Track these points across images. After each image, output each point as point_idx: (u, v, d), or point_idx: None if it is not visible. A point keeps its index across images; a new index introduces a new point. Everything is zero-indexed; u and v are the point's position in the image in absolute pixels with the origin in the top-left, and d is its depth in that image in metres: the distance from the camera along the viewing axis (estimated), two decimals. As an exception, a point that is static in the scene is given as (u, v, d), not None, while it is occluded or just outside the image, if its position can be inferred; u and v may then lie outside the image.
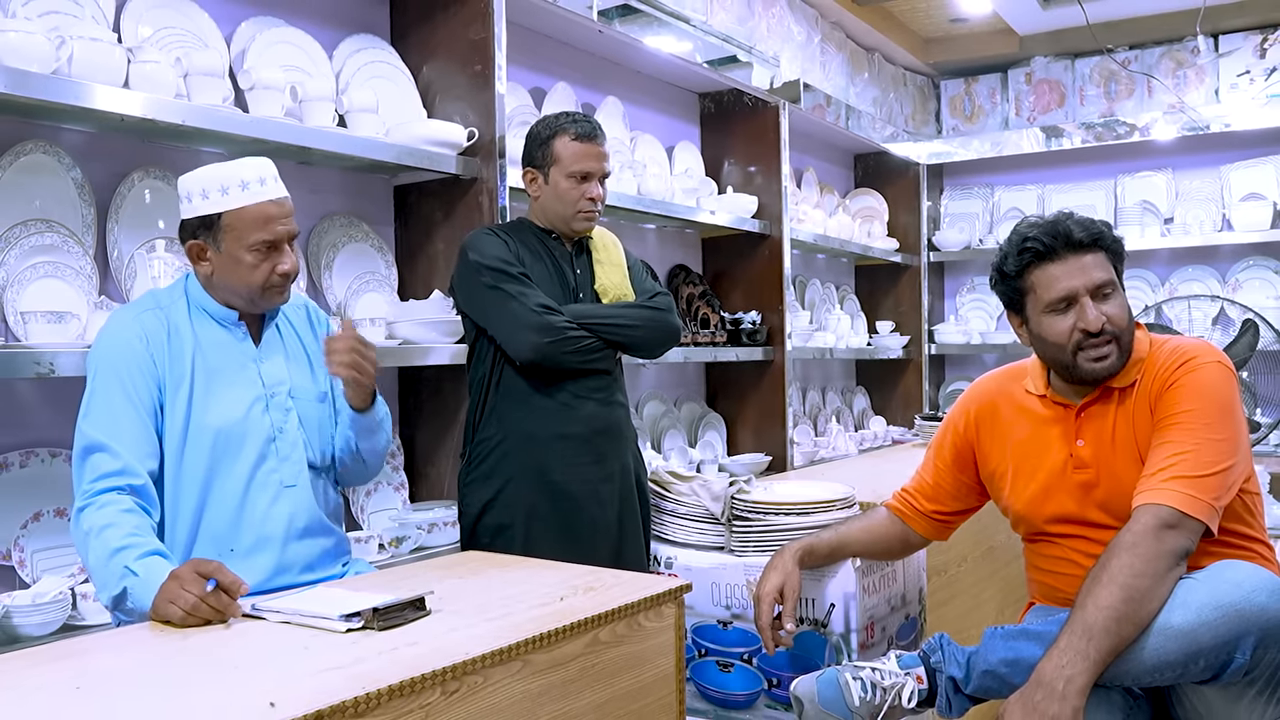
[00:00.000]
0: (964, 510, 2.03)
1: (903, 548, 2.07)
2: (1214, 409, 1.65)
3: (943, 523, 2.03)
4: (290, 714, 1.06)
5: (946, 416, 2.04)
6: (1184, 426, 1.64)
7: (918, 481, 2.04)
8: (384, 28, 2.90)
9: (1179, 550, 1.56)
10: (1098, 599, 1.51)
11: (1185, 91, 5.33)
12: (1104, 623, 1.49)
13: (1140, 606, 1.51)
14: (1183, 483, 1.58)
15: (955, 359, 5.90)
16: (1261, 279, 5.05)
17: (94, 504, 1.59)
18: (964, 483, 1.98)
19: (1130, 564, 1.53)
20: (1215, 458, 1.61)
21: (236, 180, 1.75)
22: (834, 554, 2.01)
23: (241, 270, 1.76)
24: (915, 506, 2.02)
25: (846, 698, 1.69)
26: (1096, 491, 1.75)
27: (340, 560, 1.90)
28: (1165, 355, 1.73)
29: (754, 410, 4.08)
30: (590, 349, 2.27)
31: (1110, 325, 1.71)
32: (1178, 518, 1.56)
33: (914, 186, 5.45)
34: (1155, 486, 1.60)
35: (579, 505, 2.27)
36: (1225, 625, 1.49)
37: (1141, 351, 1.76)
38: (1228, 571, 1.55)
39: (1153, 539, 1.55)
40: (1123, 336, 1.73)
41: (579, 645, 1.44)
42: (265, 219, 1.75)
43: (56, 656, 1.33)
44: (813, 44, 4.85)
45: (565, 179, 2.30)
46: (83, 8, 2.18)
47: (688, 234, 4.12)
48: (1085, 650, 1.48)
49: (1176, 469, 1.60)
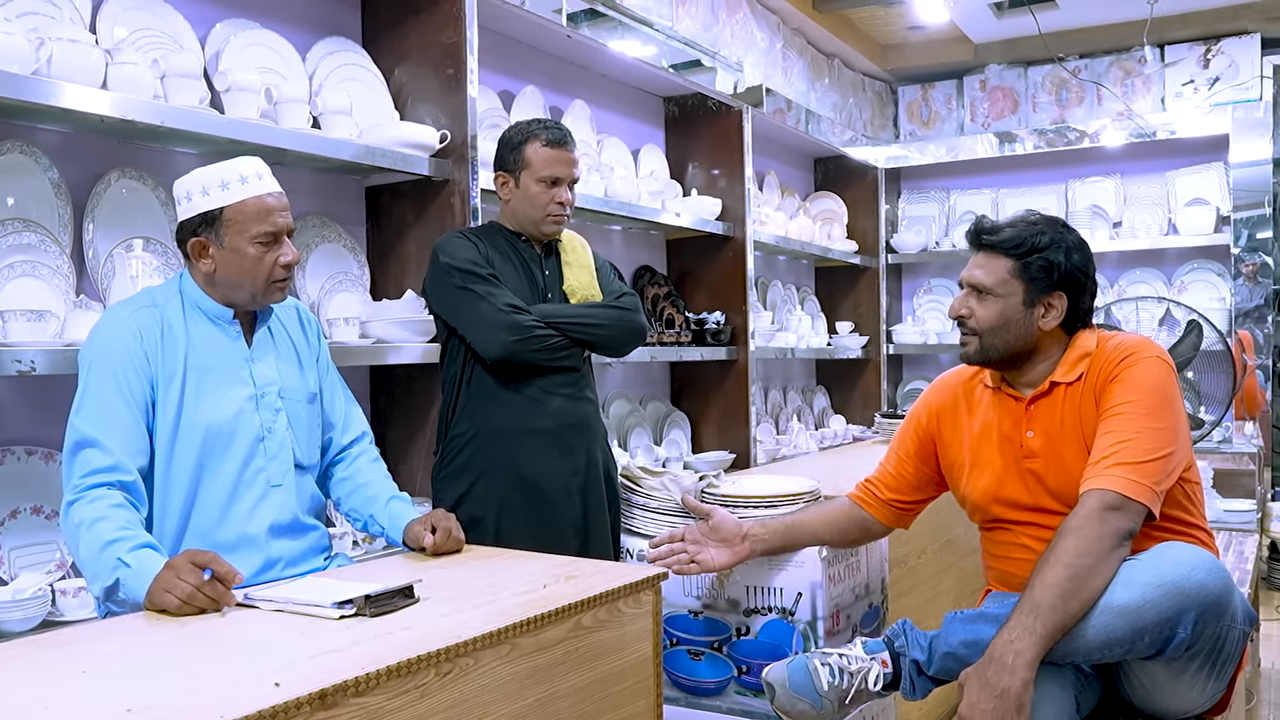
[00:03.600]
0: (923, 499, 2.12)
1: (861, 534, 2.14)
2: (1154, 400, 1.74)
3: (903, 511, 2.11)
4: (295, 693, 1.11)
5: (910, 411, 2.13)
6: (1126, 416, 1.74)
7: (880, 472, 2.13)
8: (355, 31, 2.93)
9: (1122, 531, 1.65)
10: (1044, 578, 1.61)
11: (1133, 100, 5.50)
12: (1050, 600, 1.59)
13: (1084, 584, 1.60)
14: (1125, 469, 1.68)
15: (913, 359, 6.03)
16: (1205, 281, 5.23)
17: (84, 498, 1.61)
18: (925, 473, 2.07)
19: (1075, 545, 1.62)
20: (1156, 445, 1.70)
21: (235, 175, 1.79)
22: (790, 533, 2.08)
23: (246, 263, 1.78)
24: (877, 495, 2.11)
25: (816, 682, 1.76)
26: (1046, 479, 1.84)
27: (322, 555, 1.94)
28: (1109, 351, 1.83)
29: (718, 409, 4.15)
30: (558, 347, 2.33)
31: (973, 320, 1.87)
32: (1121, 501, 1.66)
33: (872, 190, 5.57)
34: (1099, 473, 1.70)
35: (548, 499, 2.33)
36: (1168, 602, 1.58)
37: (1088, 348, 1.86)
38: (1170, 552, 1.65)
39: (1097, 521, 1.64)
40: (984, 336, 1.87)
41: (563, 630, 1.50)
42: (266, 211, 1.79)
43: (56, 644, 1.36)
44: (775, 50, 4.93)
45: (536, 183, 2.36)
46: (60, 9, 2.19)
47: (653, 235, 4.19)
48: (1033, 626, 1.58)
49: (1119, 456, 1.69)
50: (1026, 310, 1.85)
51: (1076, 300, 1.87)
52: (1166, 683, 1.70)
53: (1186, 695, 1.72)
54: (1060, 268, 1.83)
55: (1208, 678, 1.69)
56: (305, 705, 1.11)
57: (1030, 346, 1.87)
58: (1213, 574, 1.61)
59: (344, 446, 2.03)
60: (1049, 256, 1.83)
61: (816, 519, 2.11)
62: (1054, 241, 1.84)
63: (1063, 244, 1.85)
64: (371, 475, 2.02)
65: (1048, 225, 1.87)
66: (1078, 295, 1.86)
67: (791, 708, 1.76)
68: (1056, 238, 1.85)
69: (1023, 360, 1.89)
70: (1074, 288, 1.86)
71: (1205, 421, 3.88)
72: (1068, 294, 1.85)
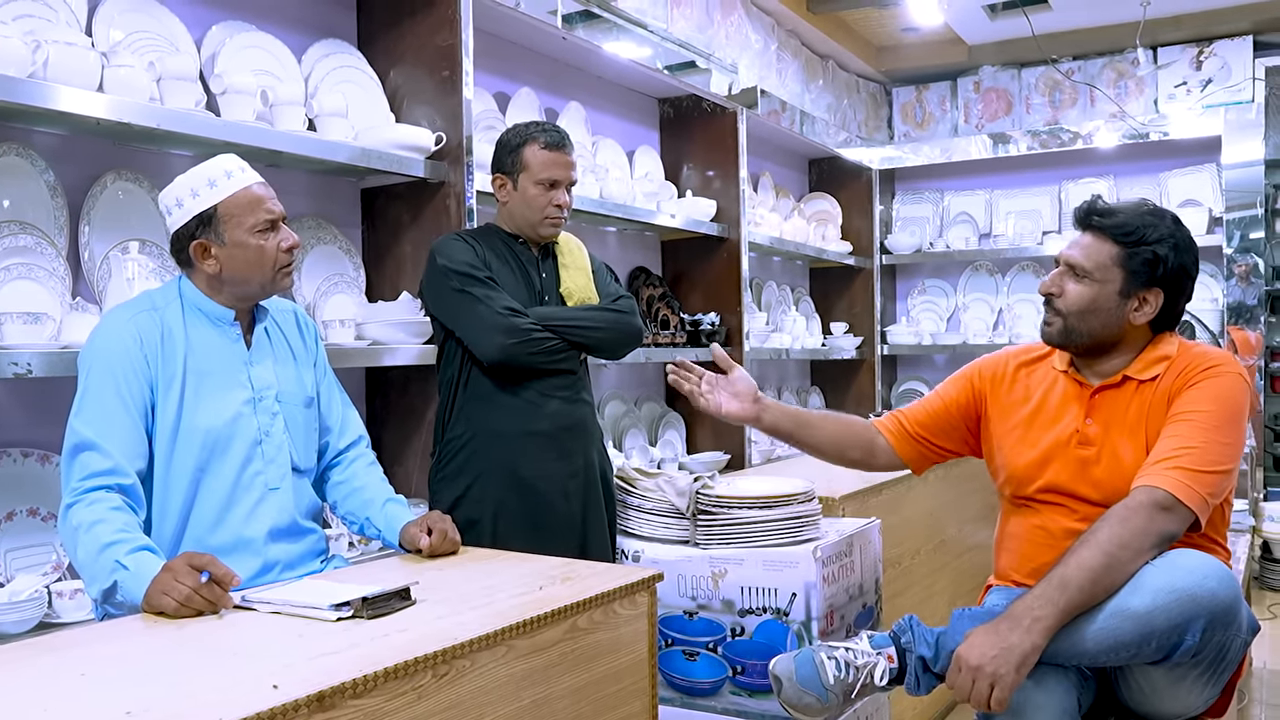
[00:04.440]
0: (948, 450, 2.11)
1: (862, 456, 2.14)
2: (1227, 414, 1.74)
3: (925, 452, 2.11)
4: (294, 695, 1.11)
5: (962, 369, 2.11)
6: (1196, 424, 1.73)
7: (916, 409, 2.12)
8: (351, 33, 2.93)
9: (1166, 533, 1.64)
10: (1081, 559, 1.61)
11: (1126, 101, 5.52)
12: (1080, 581, 1.59)
13: (1117, 573, 1.60)
14: (1184, 473, 1.67)
15: (907, 359, 6.04)
16: (1198, 282, 5.23)
17: (83, 501, 1.62)
18: (962, 426, 2.07)
19: (1119, 535, 1.62)
20: (1219, 458, 1.70)
21: (221, 172, 1.80)
22: (795, 423, 2.14)
23: (250, 254, 1.79)
24: (905, 428, 2.10)
25: (822, 676, 1.76)
26: (1094, 469, 1.82)
27: (319, 558, 1.94)
28: (1192, 357, 1.82)
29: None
30: (554, 350, 2.33)
31: (1059, 300, 1.84)
32: (1172, 502, 1.65)
33: (867, 191, 5.58)
34: (1158, 471, 1.69)
35: (545, 500, 2.34)
36: (1179, 609, 1.57)
37: (1169, 352, 1.84)
38: (1182, 559, 1.63)
39: (1145, 517, 1.64)
40: (1069, 318, 1.83)
41: (559, 631, 1.50)
42: (258, 200, 1.81)
43: (54, 647, 1.36)
44: (769, 51, 4.95)
45: (534, 186, 2.36)
46: (56, 12, 2.19)
47: (648, 236, 4.20)
48: (1057, 600, 1.58)
49: (1181, 460, 1.69)
50: (1120, 300, 1.81)
51: (1174, 300, 1.84)
52: (1166, 687, 1.69)
53: (1184, 700, 1.72)
54: (1166, 263, 1.80)
55: (1207, 684, 1.68)
56: (304, 707, 1.12)
57: (1115, 338, 1.84)
58: (1224, 583, 1.60)
59: (341, 450, 2.03)
60: (1157, 250, 1.80)
61: (823, 425, 2.13)
62: (1165, 236, 1.81)
63: (1173, 239, 1.81)
64: (368, 478, 2.03)
65: (1160, 218, 1.83)
66: (1176, 295, 1.84)
67: (798, 701, 1.76)
68: (1168, 233, 1.81)
69: (1102, 351, 1.86)
70: (1174, 287, 1.83)
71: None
72: (1166, 292, 1.82)
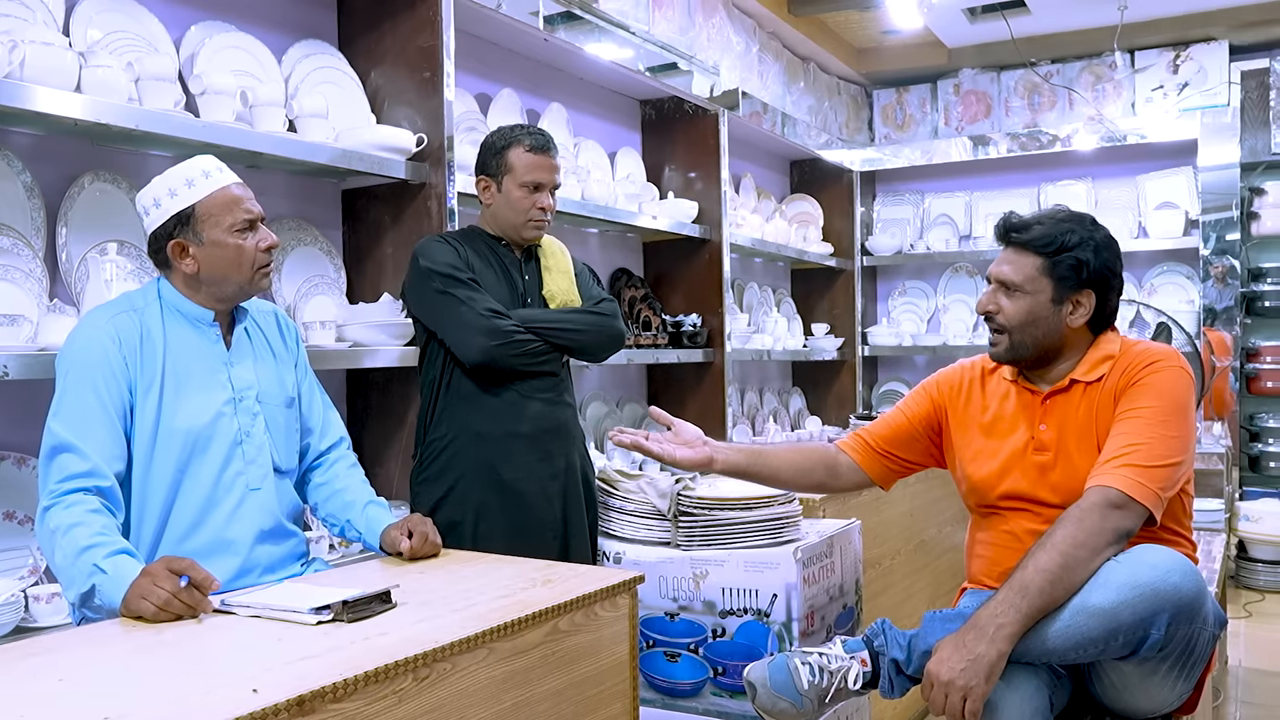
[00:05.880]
0: (913, 463, 2.13)
1: (827, 477, 2.13)
2: (1171, 408, 1.77)
3: (890, 466, 2.12)
4: (273, 699, 1.11)
5: (923, 382, 2.14)
6: (1143, 420, 1.76)
7: (879, 425, 2.14)
8: (332, 34, 2.92)
9: (1121, 530, 1.68)
10: (1039, 562, 1.64)
11: (1104, 104, 5.56)
12: (1039, 583, 1.62)
13: (1074, 573, 1.63)
14: (1134, 470, 1.71)
15: (888, 360, 6.07)
16: (1174, 284, 5.30)
17: (61, 503, 1.60)
18: (924, 438, 2.09)
19: (1074, 535, 1.65)
20: (1167, 452, 1.73)
21: (198, 172, 1.80)
22: (751, 458, 2.09)
23: (229, 254, 1.78)
24: (870, 445, 2.12)
25: (796, 681, 1.77)
26: (1051, 474, 1.86)
27: (299, 560, 1.93)
28: (1134, 355, 1.85)
29: (694, 410, 4.17)
30: (537, 352, 2.34)
31: (1001, 316, 1.88)
32: (1125, 500, 1.68)
33: (848, 192, 5.61)
34: (1108, 471, 1.72)
35: (527, 502, 2.34)
36: (1143, 604, 1.60)
37: (1112, 350, 1.88)
38: (1145, 555, 1.67)
39: (1098, 516, 1.67)
40: (1013, 333, 1.88)
41: (540, 634, 1.50)
42: (235, 200, 1.80)
43: (30, 653, 1.35)
44: (751, 53, 4.96)
45: (518, 188, 2.37)
46: (33, 11, 2.17)
47: (629, 238, 4.20)
48: (1019, 604, 1.61)
49: (1130, 458, 1.72)
50: (1055, 308, 1.86)
51: (1105, 299, 1.88)
52: (1137, 683, 1.73)
53: (1156, 695, 1.75)
54: (1089, 266, 1.84)
55: (1177, 678, 1.71)
56: (284, 711, 1.12)
57: (1058, 344, 1.88)
58: (1187, 577, 1.63)
59: (322, 452, 2.03)
60: (1078, 255, 1.84)
61: (779, 454, 2.11)
62: (1083, 240, 1.85)
63: (1092, 242, 1.86)
64: (349, 480, 2.02)
65: (1077, 223, 1.88)
66: (1106, 294, 1.88)
67: (773, 706, 1.77)
68: (1086, 236, 1.86)
69: (1050, 358, 1.90)
70: (1102, 286, 1.87)
71: (1174, 422, 3.94)
72: (1096, 292, 1.87)
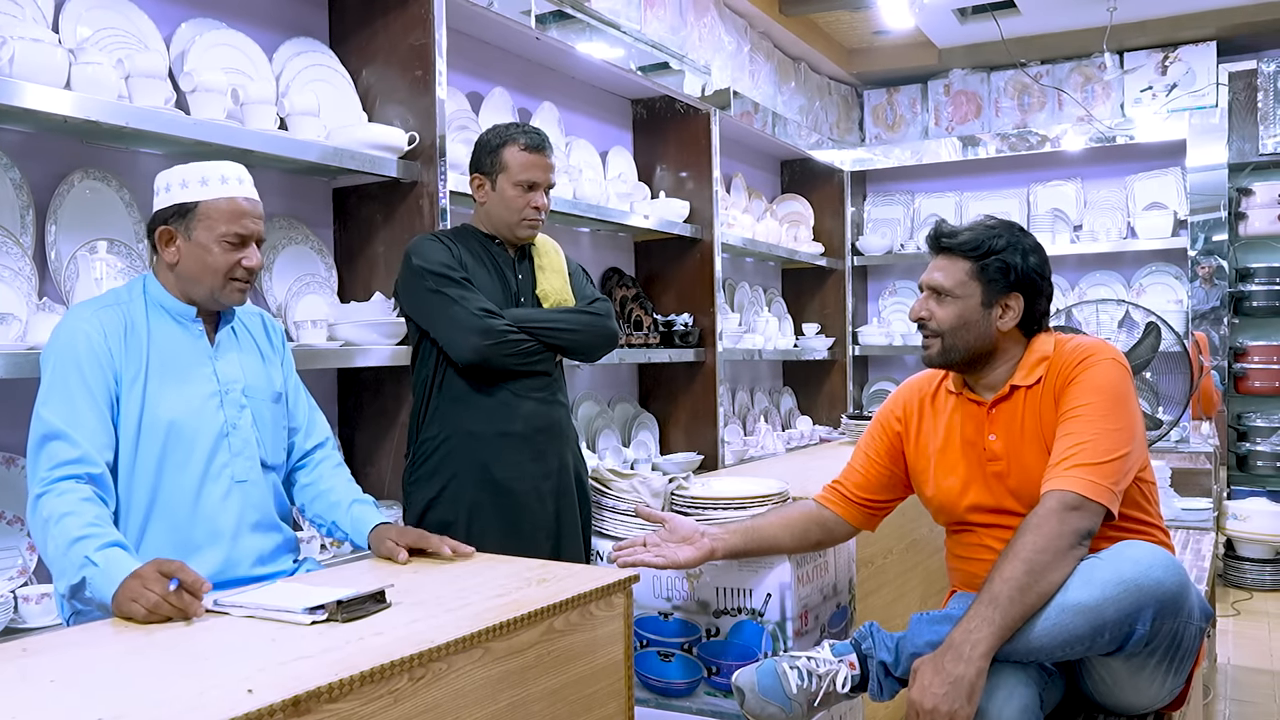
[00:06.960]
0: (891, 500, 2.14)
1: (824, 535, 2.12)
2: (1109, 402, 1.79)
3: (871, 511, 2.13)
4: (268, 700, 1.11)
5: (876, 413, 2.16)
6: (1084, 418, 1.78)
7: (848, 472, 2.15)
8: (323, 31, 2.91)
9: (1081, 530, 1.69)
10: (1003, 573, 1.66)
11: (1093, 105, 5.58)
12: (1008, 593, 1.63)
13: (1041, 578, 1.65)
14: (1084, 469, 1.72)
15: (878, 360, 6.09)
16: (1163, 284, 5.33)
17: (52, 491, 1.60)
18: (893, 474, 2.10)
19: (1034, 541, 1.67)
20: (1113, 446, 1.75)
21: (217, 175, 1.80)
22: (748, 535, 2.04)
23: (208, 259, 1.78)
24: (845, 495, 2.12)
25: (785, 686, 1.78)
26: (1009, 481, 1.88)
27: (291, 557, 1.93)
28: (1067, 354, 1.88)
29: (686, 410, 4.17)
30: (530, 351, 2.33)
31: (933, 322, 1.91)
32: (1080, 501, 1.70)
33: (838, 192, 5.62)
34: (1059, 474, 1.74)
35: (520, 502, 2.33)
36: (1127, 599, 1.63)
37: (1046, 351, 1.90)
38: (1128, 550, 1.69)
39: (1056, 520, 1.68)
40: (945, 338, 1.90)
41: (535, 633, 1.50)
42: (239, 213, 1.80)
43: (23, 653, 1.34)
44: (742, 53, 4.96)
45: (512, 187, 2.36)
46: (22, 8, 2.16)
47: (621, 237, 4.20)
48: (990, 617, 1.63)
49: (1078, 458, 1.74)
50: (985, 311, 1.89)
51: (1033, 302, 1.91)
52: (1127, 678, 1.74)
53: (1146, 690, 1.77)
54: (1017, 269, 1.88)
55: (1166, 673, 1.73)
56: (279, 712, 1.11)
57: (990, 348, 1.91)
58: (1170, 571, 1.66)
59: (307, 451, 2.02)
60: (1005, 258, 1.88)
61: (774, 523, 2.09)
62: (1010, 244, 1.89)
63: (1019, 246, 1.90)
64: (334, 480, 2.02)
65: (1004, 229, 1.92)
66: (1034, 297, 1.91)
67: (761, 711, 1.78)
68: (1013, 240, 1.90)
69: (983, 363, 1.93)
70: (1030, 289, 1.90)
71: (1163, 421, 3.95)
72: (1024, 295, 1.90)
